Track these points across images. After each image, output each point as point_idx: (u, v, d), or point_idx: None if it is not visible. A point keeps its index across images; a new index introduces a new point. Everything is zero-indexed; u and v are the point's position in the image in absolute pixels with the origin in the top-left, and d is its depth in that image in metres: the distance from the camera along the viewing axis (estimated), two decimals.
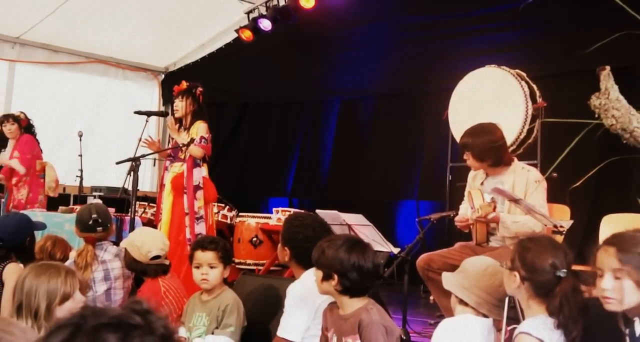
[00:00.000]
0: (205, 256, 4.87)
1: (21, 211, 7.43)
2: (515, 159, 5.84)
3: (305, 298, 4.43)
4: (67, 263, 5.55)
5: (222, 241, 5.11)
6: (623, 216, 5.92)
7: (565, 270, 3.37)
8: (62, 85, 12.47)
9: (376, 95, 10.81)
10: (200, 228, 7.45)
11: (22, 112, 9.69)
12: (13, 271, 5.10)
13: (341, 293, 3.85)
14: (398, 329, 3.87)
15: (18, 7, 10.86)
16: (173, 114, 7.75)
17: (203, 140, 7.41)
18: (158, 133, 11.22)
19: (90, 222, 5.67)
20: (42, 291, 3.35)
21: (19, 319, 3.30)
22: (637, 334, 3.04)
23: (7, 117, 9.52)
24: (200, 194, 7.53)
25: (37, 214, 7.72)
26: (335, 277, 3.78)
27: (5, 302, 4.99)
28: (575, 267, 3.47)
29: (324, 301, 4.26)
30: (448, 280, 3.81)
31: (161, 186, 7.90)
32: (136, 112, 8.03)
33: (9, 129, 9.35)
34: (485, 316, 3.71)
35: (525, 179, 5.53)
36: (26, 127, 9.53)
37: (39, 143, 9.66)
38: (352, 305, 3.84)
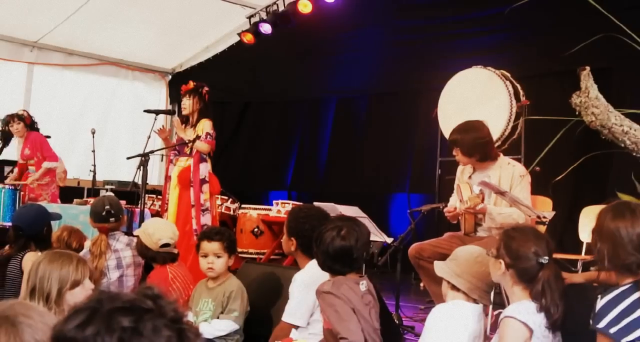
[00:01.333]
0: (212, 246, 4.90)
1: (39, 203, 7.41)
2: (501, 154, 5.84)
3: (311, 286, 4.44)
4: (82, 252, 5.59)
5: (227, 231, 5.13)
6: (601, 207, 5.92)
7: (547, 257, 3.39)
8: (76, 86, 12.53)
9: (370, 94, 10.82)
10: (206, 219, 7.49)
11: (24, 111, 9.72)
12: (31, 259, 5.11)
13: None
14: (357, 300, 3.85)
15: (36, 14, 10.90)
16: (180, 112, 7.78)
17: (208, 136, 7.47)
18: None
19: (104, 213, 5.71)
20: (55, 276, 3.38)
21: (32, 301, 3.32)
22: (596, 311, 3.07)
23: (12, 116, 9.52)
24: (206, 187, 7.57)
25: (53, 206, 7.75)
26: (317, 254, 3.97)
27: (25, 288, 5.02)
28: (556, 255, 3.48)
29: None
30: (440, 268, 3.82)
31: (166, 177, 7.94)
32: (145, 111, 8.04)
33: (16, 128, 9.41)
34: (475, 301, 3.73)
35: (510, 174, 5.53)
36: (30, 124, 9.56)
37: (47, 138, 9.68)
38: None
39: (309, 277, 4.49)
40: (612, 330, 2.96)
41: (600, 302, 3.05)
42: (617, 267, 3.06)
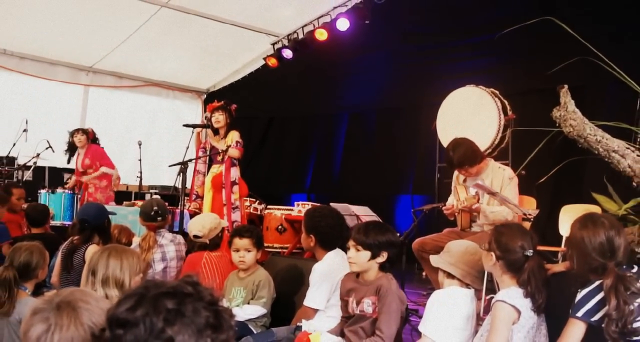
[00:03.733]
0: (242, 242, 4.92)
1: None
2: (492, 160, 5.86)
3: (328, 275, 4.47)
4: (132, 246, 5.65)
5: (255, 229, 5.18)
6: (578, 206, 5.92)
7: (531, 250, 3.41)
8: (125, 104, 12.65)
9: (378, 109, 10.80)
10: (236, 216, 7.60)
11: (90, 128, 9.89)
12: (93, 251, 5.17)
13: (380, 267, 3.96)
14: (406, 300, 3.94)
15: (91, 43, 11.09)
16: (212, 125, 7.87)
17: (238, 144, 7.66)
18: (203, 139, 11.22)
19: (152, 213, 5.78)
20: (125, 266, 3.40)
21: (106, 289, 3.35)
22: (575, 302, 3.10)
23: (78, 130, 9.76)
24: (236, 188, 7.69)
25: (107, 207, 7.83)
26: (385, 254, 3.89)
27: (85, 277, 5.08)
28: (539, 247, 3.50)
29: (342, 277, 4.32)
30: (436, 260, 3.84)
31: (195, 171, 8.10)
32: (184, 125, 8.12)
33: (79, 139, 9.57)
34: (467, 286, 3.75)
35: (501, 176, 5.55)
36: (93, 139, 9.70)
37: (104, 150, 9.81)
38: (376, 275, 3.94)
39: (326, 268, 4.52)
40: (593, 318, 2.98)
41: (579, 295, 3.07)
42: (586, 270, 3.09)
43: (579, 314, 3.03)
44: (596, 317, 2.99)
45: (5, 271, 3.98)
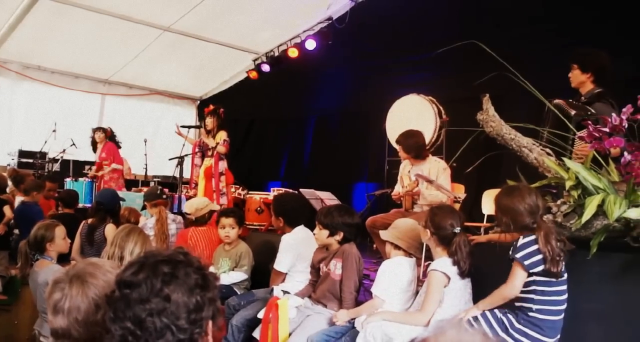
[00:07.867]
0: (227, 221, 4.93)
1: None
2: (430, 155, 5.89)
3: (293, 245, 4.50)
4: (140, 224, 5.65)
5: (238, 211, 5.22)
6: (497, 190, 5.96)
7: (459, 228, 3.43)
8: (135, 110, 12.60)
9: (339, 113, 10.80)
10: (223, 200, 7.62)
11: (109, 127, 10.01)
12: (111, 229, 5.22)
13: (339, 242, 4.01)
14: (362, 260, 4.04)
15: (107, 60, 11.10)
16: (205, 126, 7.85)
17: (225, 142, 7.65)
18: (195, 137, 11.08)
19: (158, 192, 5.94)
20: (138, 247, 3.42)
21: (114, 249, 3.44)
22: (517, 246, 3.00)
23: (99, 128, 9.94)
24: (223, 178, 7.72)
25: (119, 192, 7.80)
26: (341, 233, 3.97)
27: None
28: (467, 224, 3.51)
29: (305, 248, 4.35)
30: (385, 234, 3.85)
31: (193, 164, 8.11)
32: (182, 126, 8.07)
33: (99, 136, 9.75)
34: (410, 256, 3.77)
35: (437, 168, 5.59)
36: (110, 136, 9.73)
37: (119, 148, 9.89)
38: (337, 247, 4.03)
39: (292, 239, 4.55)
40: (526, 262, 2.92)
41: (519, 241, 2.98)
42: (520, 229, 3.03)
43: (518, 256, 2.94)
44: (527, 262, 2.93)
45: (23, 244, 4.04)
